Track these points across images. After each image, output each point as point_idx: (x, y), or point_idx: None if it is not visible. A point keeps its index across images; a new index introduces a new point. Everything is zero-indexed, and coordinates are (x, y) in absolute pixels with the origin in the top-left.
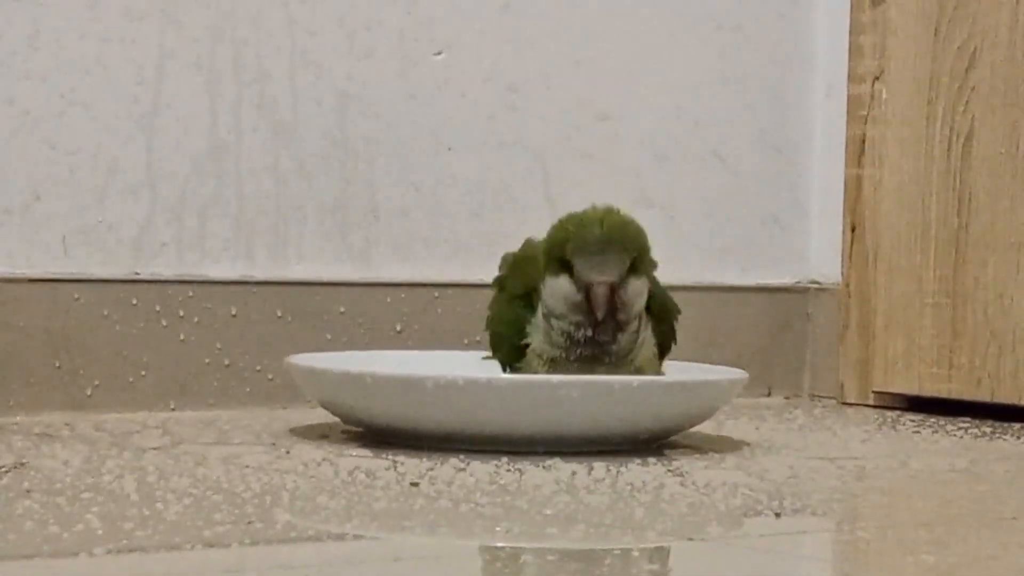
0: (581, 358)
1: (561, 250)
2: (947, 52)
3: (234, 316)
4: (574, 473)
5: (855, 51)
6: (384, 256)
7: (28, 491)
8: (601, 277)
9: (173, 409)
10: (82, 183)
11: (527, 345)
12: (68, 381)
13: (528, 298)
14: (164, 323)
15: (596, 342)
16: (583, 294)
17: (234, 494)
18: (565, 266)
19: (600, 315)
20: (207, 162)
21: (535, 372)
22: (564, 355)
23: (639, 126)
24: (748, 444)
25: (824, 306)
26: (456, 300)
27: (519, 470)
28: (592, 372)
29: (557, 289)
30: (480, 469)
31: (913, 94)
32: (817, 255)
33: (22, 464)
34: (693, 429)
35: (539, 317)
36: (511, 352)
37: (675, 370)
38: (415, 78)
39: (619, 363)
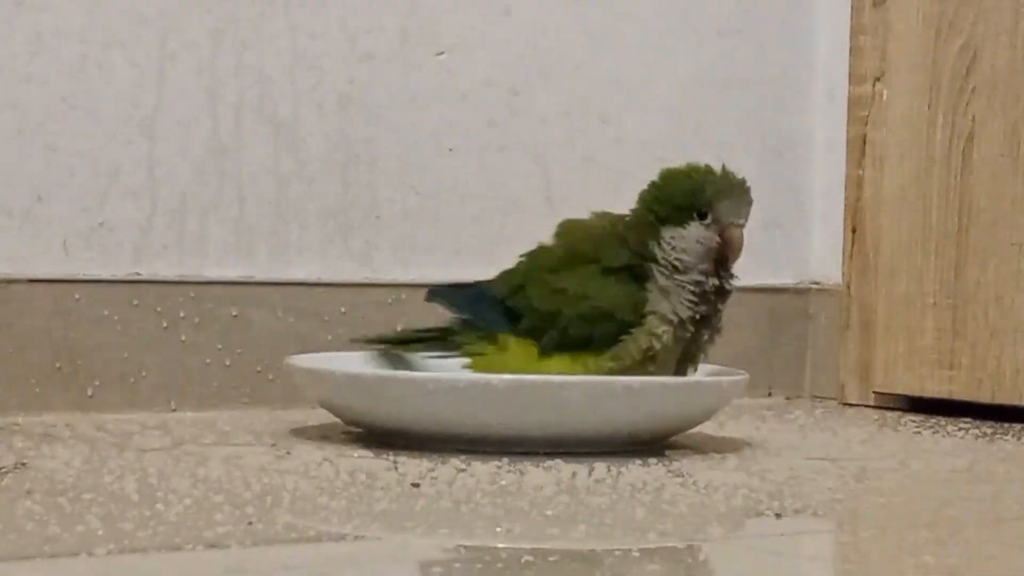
0: (702, 318)
1: (694, 197)
2: (948, 53)
3: (235, 317)
4: (575, 474)
5: (856, 53)
6: (385, 258)
7: (29, 492)
8: (739, 220)
9: (174, 410)
10: (83, 185)
11: (629, 323)
12: (69, 382)
13: (628, 271)
14: (165, 324)
15: (712, 298)
16: (719, 238)
17: (235, 495)
18: (696, 213)
19: (736, 259)
20: (208, 164)
21: (655, 342)
22: (692, 315)
23: (640, 129)
24: (749, 445)
25: (825, 307)
26: None
27: (520, 471)
28: (700, 336)
29: (689, 238)
30: (481, 470)
31: (914, 96)
32: (818, 256)
33: (23, 465)
34: (694, 430)
35: (659, 281)
36: (613, 331)
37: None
38: (416, 81)
39: (718, 326)
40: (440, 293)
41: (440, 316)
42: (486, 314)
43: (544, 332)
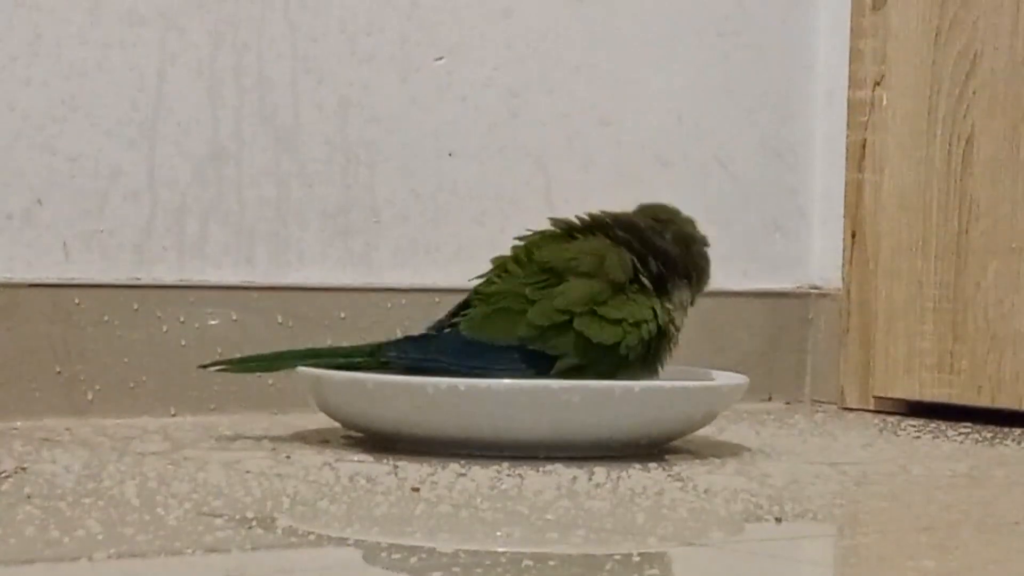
0: None
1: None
2: (948, 57)
3: (235, 321)
4: (575, 478)
5: (856, 56)
6: (385, 261)
7: (29, 496)
8: None
9: (174, 414)
10: (83, 188)
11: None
12: (69, 386)
13: (658, 285)
14: (165, 328)
15: None
16: None
17: (235, 499)
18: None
19: None
20: (208, 167)
21: (674, 347)
22: None
23: (640, 132)
24: (749, 449)
25: (825, 311)
26: None
27: (520, 475)
28: None
29: None
30: (481, 474)
31: (914, 99)
32: (818, 260)
33: (23, 469)
34: (694, 434)
35: (690, 290)
36: (663, 347)
37: (676, 375)
38: (416, 83)
39: None
40: (410, 348)
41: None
42: (495, 364)
43: (592, 368)
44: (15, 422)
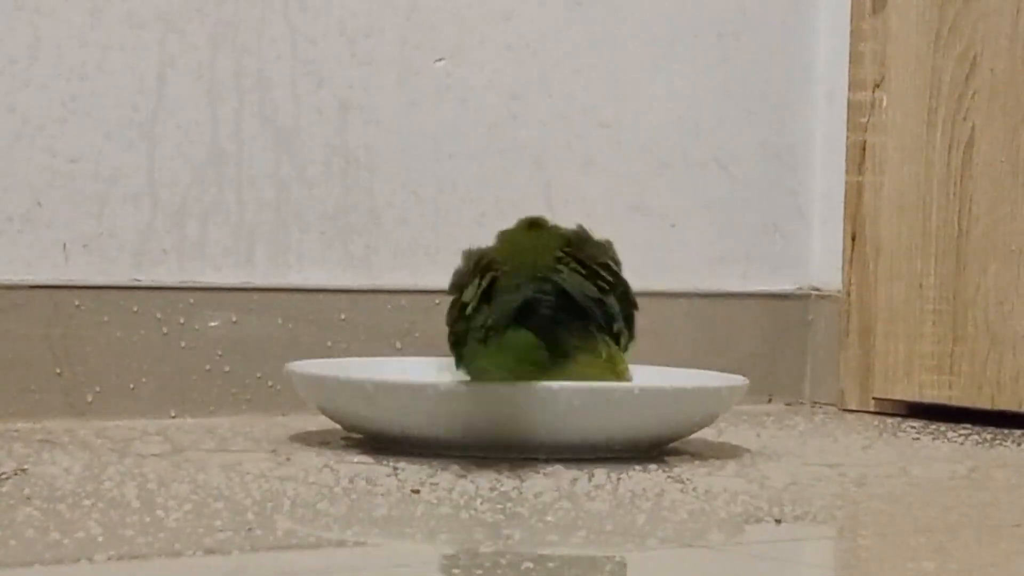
0: None
1: None
2: (947, 59)
3: (235, 323)
4: (575, 480)
5: (856, 58)
6: (385, 263)
7: (29, 498)
8: None
9: (174, 416)
10: (83, 190)
11: None
12: (69, 388)
13: None
14: (165, 330)
15: None
16: None
17: (235, 501)
18: None
19: None
20: (208, 169)
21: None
22: None
23: (640, 133)
24: (749, 451)
25: (825, 313)
26: None
27: (520, 477)
28: None
29: None
30: (481, 476)
31: (914, 101)
32: (818, 262)
33: (23, 471)
34: (694, 436)
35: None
36: None
37: (676, 377)
38: (416, 86)
39: None
40: None
41: (441, 323)
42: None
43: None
44: (15, 424)
